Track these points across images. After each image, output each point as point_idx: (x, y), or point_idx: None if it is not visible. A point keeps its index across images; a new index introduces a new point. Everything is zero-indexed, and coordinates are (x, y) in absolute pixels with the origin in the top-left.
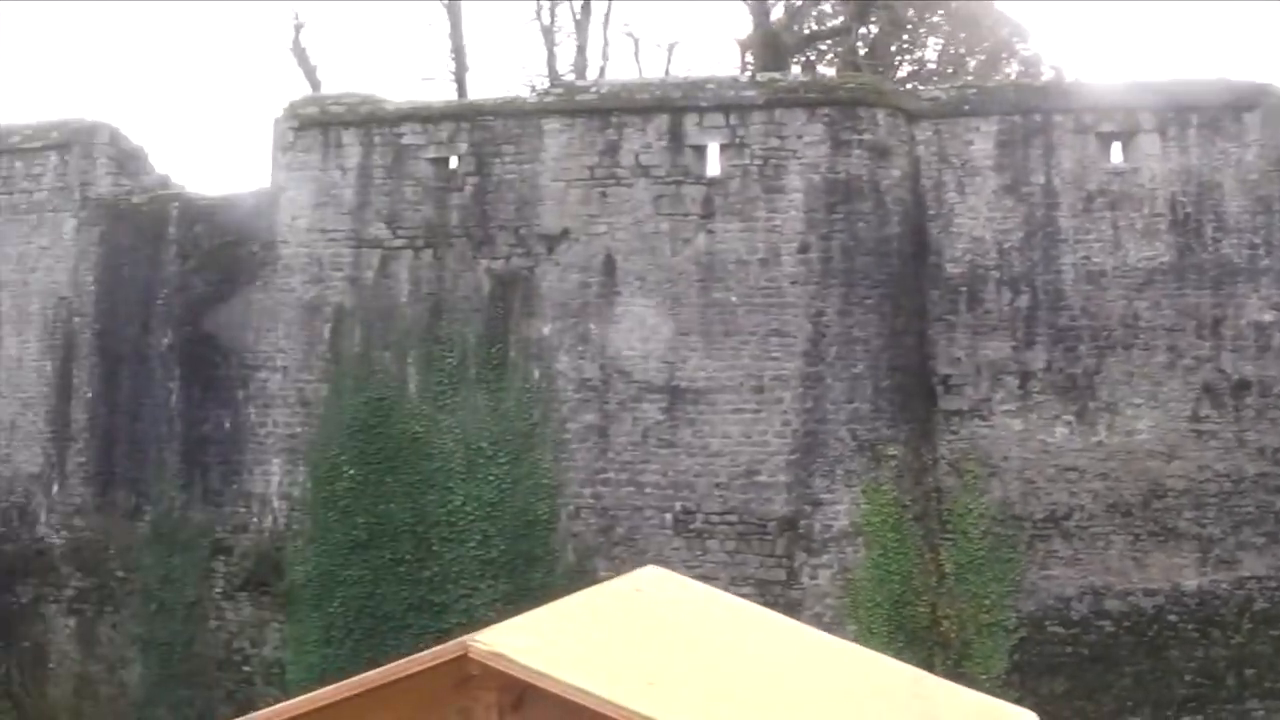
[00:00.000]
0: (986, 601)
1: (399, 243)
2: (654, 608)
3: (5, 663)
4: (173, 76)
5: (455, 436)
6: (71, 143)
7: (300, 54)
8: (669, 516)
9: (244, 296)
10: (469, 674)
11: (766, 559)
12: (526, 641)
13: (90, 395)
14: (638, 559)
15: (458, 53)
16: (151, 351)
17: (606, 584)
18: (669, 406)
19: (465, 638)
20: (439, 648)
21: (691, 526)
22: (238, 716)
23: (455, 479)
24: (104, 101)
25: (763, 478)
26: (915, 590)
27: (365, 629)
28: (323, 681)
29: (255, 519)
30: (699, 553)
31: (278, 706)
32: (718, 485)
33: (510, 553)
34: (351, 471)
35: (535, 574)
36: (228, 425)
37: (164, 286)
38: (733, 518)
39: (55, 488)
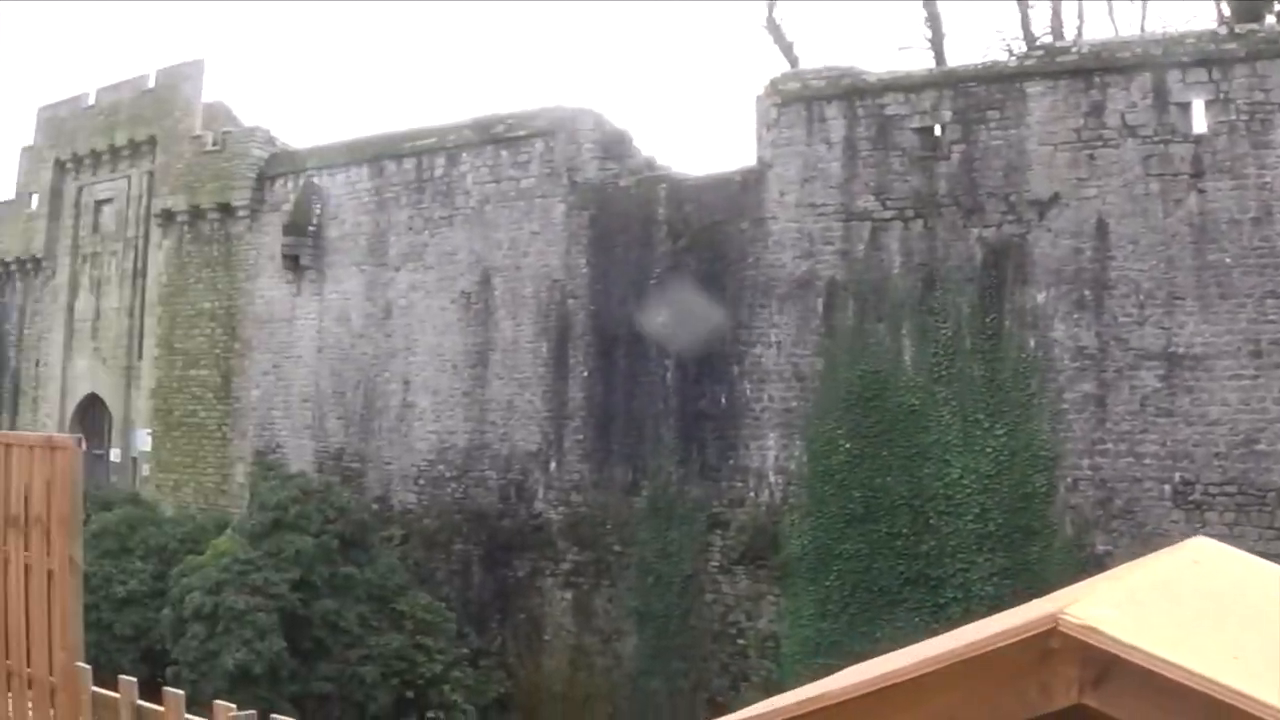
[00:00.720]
0: None
1: (888, 214)
2: (1214, 580)
3: (501, 634)
4: (650, 59)
5: (951, 408)
6: (557, 129)
7: (775, 29)
8: (1167, 488)
9: (735, 274)
10: (1050, 648)
11: (1265, 531)
12: (1111, 614)
13: (586, 374)
14: (1136, 532)
15: (934, 20)
16: (646, 330)
17: (1156, 556)
18: (1166, 374)
19: (1050, 608)
20: (1023, 620)
21: (1190, 498)
22: (732, 688)
23: (952, 451)
24: (585, 87)
25: (1262, 446)
26: None
27: (861, 603)
28: (818, 655)
29: (752, 493)
30: (1197, 525)
31: (844, 682)
32: (1216, 455)
33: (1007, 526)
34: (847, 445)
35: (1032, 548)
36: (723, 401)
37: (656, 266)
38: (1231, 488)
39: (552, 465)
